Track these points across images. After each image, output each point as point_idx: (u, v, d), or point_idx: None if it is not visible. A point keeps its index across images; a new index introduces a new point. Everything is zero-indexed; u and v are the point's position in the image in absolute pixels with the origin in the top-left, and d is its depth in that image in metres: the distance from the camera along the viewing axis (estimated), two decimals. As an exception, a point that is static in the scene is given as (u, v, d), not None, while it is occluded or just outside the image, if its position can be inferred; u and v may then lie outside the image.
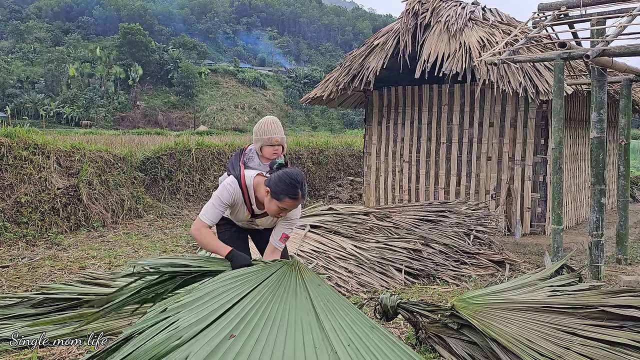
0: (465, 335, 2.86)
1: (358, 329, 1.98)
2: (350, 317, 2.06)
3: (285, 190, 2.79)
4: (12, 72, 68.17)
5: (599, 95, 4.85)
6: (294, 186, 2.79)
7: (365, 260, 5.00)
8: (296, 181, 2.80)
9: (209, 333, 1.92)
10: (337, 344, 1.87)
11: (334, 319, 2.02)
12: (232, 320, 2.00)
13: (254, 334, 1.92)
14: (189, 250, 6.28)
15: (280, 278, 2.30)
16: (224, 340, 1.87)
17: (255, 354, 1.82)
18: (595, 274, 4.80)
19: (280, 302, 2.12)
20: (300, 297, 2.16)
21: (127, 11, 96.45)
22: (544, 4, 5.88)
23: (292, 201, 2.81)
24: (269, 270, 2.37)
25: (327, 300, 2.16)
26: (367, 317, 2.09)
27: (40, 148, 7.34)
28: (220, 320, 2.00)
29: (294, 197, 2.79)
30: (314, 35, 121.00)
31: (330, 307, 2.10)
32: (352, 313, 2.09)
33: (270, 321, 1.99)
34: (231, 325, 1.97)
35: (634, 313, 2.64)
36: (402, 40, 7.97)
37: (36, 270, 5.20)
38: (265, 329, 1.94)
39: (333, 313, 2.06)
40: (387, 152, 8.99)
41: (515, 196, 7.72)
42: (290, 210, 2.89)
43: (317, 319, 2.02)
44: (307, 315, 2.03)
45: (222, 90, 78.16)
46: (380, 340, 1.93)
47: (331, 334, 1.92)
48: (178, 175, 9.67)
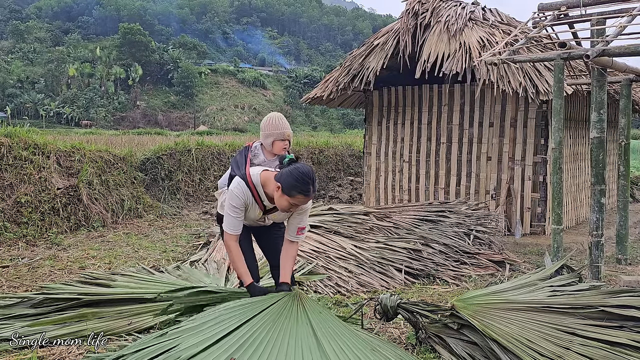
0: (465, 335, 2.86)
1: (359, 352, 2.00)
2: (351, 341, 2.08)
3: (296, 186, 2.81)
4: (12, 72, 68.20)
5: (599, 95, 4.85)
6: (306, 182, 2.81)
7: (365, 260, 5.00)
8: (307, 177, 2.82)
9: (208, 355, 1.93)
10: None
11: (335, 343, 2.04)
12: (233, 344, 2.02)
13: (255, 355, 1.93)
14: (189, 251, 6.28)
15: (282, 306, 2.35)
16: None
17: None
18: (595, 274, 4.80)
19: (281, 328, 2.15)
20: (302, 324, 2.20)
21: (127, 11, 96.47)
22: (544, 4, 5.88)
23: (304, 197, 2.83)
24: (272, 299, 2.42)
25: (329, 325, 2.19)
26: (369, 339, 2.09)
27: (40, 148, 7.34)
28: (220, 344, 2.02)
29: (306, 193, 2.81)
30: (314, 35, 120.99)
31: (331, 332, 2.13)
32: (354, 337, 2.11)
33: (271, 345, 2.01)
34: (232, 348, 1.98)
35: (634, 313, 2.64)
36: (402, 40, 7.97)
37: (36, 270, 5.20)
38: (265, 352, 1.96)
39: (334, 337, 2.09)
40: (387, 152, 8.99)
41: (515, 196, 7.72)
42: (301, 205, 2.90)
43: (318, 342, 2.04)
44: (307, 340, 2.06)
45: (222, 90, 78.19)
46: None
47: (332, 356, 1.93)
48: (178, 175, 9.67)
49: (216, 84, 79.48)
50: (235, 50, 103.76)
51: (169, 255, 6.00)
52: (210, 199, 9.98)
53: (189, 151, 10.04)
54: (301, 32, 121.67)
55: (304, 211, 3.09)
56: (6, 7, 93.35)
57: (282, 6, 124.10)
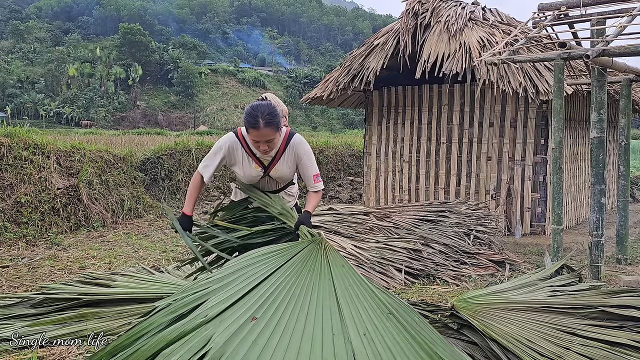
0: (465, 335, 2.86)
1: (375, 316, 1.99)
2: (368, 302, 2.07)
3: (246, 120, 2.84)
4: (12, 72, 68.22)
5: (599, 95, 4.85)
6: (252, 115, 2.81)
7: (365, 260, 5.00)
8: (256, 110, 2.82)
9: (232, 314, 1.96)
10: (353, 333, 1.88)
11: (353, 305, 2.03)
12: (255, 301, 2.03)
13: (275, 317, 1.94)
14: (189, 251, 6.28)
15: (306, 257, 2.32)
16: (246, 323, 1.90)
17: (274, 338, 1.84)
18: (595, 274, 4.80)
19: (304, 284, 2.14)
20: (324, 279, 2.17)
21: (127, 11, 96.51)
22: (544, 4, 5.88)
23: (254, 130, 2.82)
24: (297, 248, 2.39)
25: (349, 283, 2.17)
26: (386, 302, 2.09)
27: (40, 148, 7.34)
28: (244, 300, 2.03)
29: (254, 125, 2.81)
30: (314, 35, 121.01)
31: (350, 292, 2.12)
32: (372, 298, 2.10)
33: (292, 304, 2.01)
34: (254, 306, 1.99)
35: (634, 313, 2.64)
36: (402, 40, 7.97)
37: (36, 270, 5.20)
38: (286, 313, 1.96)
39: (353, 298, 2.07)
40: (387, 152, 8.99)
41: (515, 196, 7.72)
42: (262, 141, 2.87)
43: (337, 303, 2.02)
44: (328, 300, 2.05)
45: (222, 90, 78.21)
46: (395, 328, 1.94)
47: (349, 321, 1.93)
48: (178, 175, 9.67)
49: (216, 84, 79.49)
50: (235, 50, 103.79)
51: (169, 255, 6.00)
52: (210, 199, 9.98)
53: (189, 151, 10.04)
54: (301, 32, 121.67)
55: (303, 158, 3.07)
56: (6, 7, 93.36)
57: (282, 6, 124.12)
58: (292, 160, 3.07)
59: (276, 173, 3.10)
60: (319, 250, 2.38)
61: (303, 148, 3.06)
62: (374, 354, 1.80)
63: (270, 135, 2.85)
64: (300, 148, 3.05)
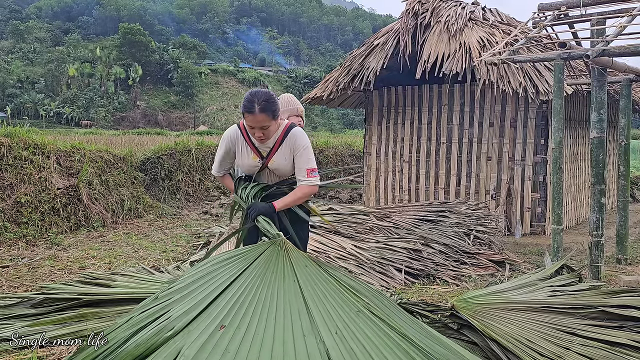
0: (465, 335, 2.86)
1: (345, 313, 1.99)
2: (337, 301, 2.06)
3: (243, 105, 2.87)
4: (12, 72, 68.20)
5: (599, 95, 4.85)
6: (250, 100, 2.84)
7: (365, 260, 5.00)
8: (253, 96, 2.85)
9: (200, 324, 1.92)
10: (324, 332, 1.88)
11: (321, 304, 2.01)
12: (222, 308, 2.00)
13: (243, 323, 1.91)
14: (189, 251, 6.28)
15: (267, 260, 2.28)
16: (215, 332, 1.88)
17: (245, 344, 1.81)
18: (595, 274, 4.80)
19: (269, 287, 2.11)
20: (288, 281, 2.14)
21: (127, 11, 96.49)
22: (544, 4, 5.88)
23: (249, 115, 2.84)
24: (257, 251, 2.35)
25: (314, 282, 2.15)
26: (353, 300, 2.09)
27: (40, 148, 7.34)
28: (210, 309, 2.00)
29: (249, 110, 2.83)
30: (314, 35, 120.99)
31: (317, 291, 2.10)
32: (338, 296, 2.09)
33: (259, 309, 1.99)
34: (221, 314, 1.96)
35: (634, 313, 2.64)
36: (402, 40, 7.96)
37: (36, 270, 5.20)
38: (255, 318, 1.94)
39: (320, 297, 2.06)
40: (387, 152, 8.99)
41: (515, 196, 7.72)
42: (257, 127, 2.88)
43: (305, 304, 2.01)
44: (295, 301, 2.03)
45: (222, 90, 78.19)
46: (365, 325, 1.94)
47: (319, 321, 1.92)
48: (178, 175, 9.67)
49: (216, 84, 79.48)
50: (235, 50, 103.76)
51: (169, 255, 6.00)
52: (210, 199, 9.99)
53: (189, 151, 10.04)
54: (301, 32, 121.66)
55: (299, 150, 3.02)
56: (6, 7, 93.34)
57: (282, 6, 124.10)
58: (288, 152, 3.04)
59: (273, 164, 3.07)
60: (280, 251, 2.34)
61: (301, 140, 3.03)
62: (347, 351, 1.80)
63: (264, 122, 2.86)
64: (298, 140, 3.02)
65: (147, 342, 1.89)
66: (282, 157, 3.05)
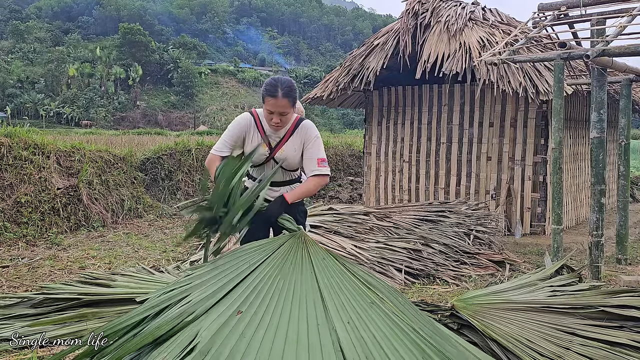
0: (465, 335, 2.86)
1: (358, 305, 2.04)
2: (351, 292, 2.12)
3: (265, 89, 2.89)
4: (12, 72, 68.20)
5: (599, 95, 4.85)
6: (273, 84, 2.87)
7: (365, 260, 5.00)
8: (276, 81, 2.89)
9: (218, 309, 1.99)
10: (337, 322, 1.93)
11: (336, 295, 2.08)
12: (240, 295, 2.06)
13: (260, 310, 1.97)
14: (189, 251, 6.28)
15: (287, 252, 2.34)
16: (232, 317, 1.94)
17: (260, 330, 1.87)
18: (595, 274, 4.80)
19: (286, 278, 2.16)
20: (306, 273, 2.20)
21: (127, 11, 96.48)
22: (544, 4, 5.88)
23: (272, 99, 2.85)
24: (277, 243, 2.41)
25: (331, 275, 2.20)
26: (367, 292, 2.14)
27: (40, 148, 7.34)
28: (229, 296, 2.07)
29: (272, 93, 2.84)
30: (314, 35, 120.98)
31: (333, 283, 2.15)
32: (353, 288, 2.15)
33: (276, 298, 2.05)
34: (239, 301, 2.03)
35: (634, 313, 2.64)
36: (402, 40, 7.96)
37: (36, 270, 5.20)
38: (271, 306, 1.99)
39: (335, 289, 2.12)
40: (387, 152, 8.99)
41: (515, 196, 7.72)
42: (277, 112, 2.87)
43: (321, 296, 2.07)
44: (311, 293, 2.08)
45: (222, 90, 78.23)
46: (377, 316, 2.00)
47: (333, 311, 1.98)
48: (178, 175, 9.67)
49: (216, 84, 79.51)
50: (235, 50, 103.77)
51: (169, 255, 6.00)
52: (210, 199, 9.98)
53: (189, 151, 10.04)
54: (301, 32, 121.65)
55: (311, 141, 3.04)
56: (6, 7, 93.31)
57: (282, 6, 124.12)
58: (299, 143, 3.06)
59: (282, 154, 3.06)
60: (299, 244, 2.41)
61: (312, 131, 3.07)
62: (358, 340, 1.85)
63: (285, 108, 2.89)
64: (309, 131, 3.06)
65: (168, 324, 1.95)
66: (291, 148, 3.06)
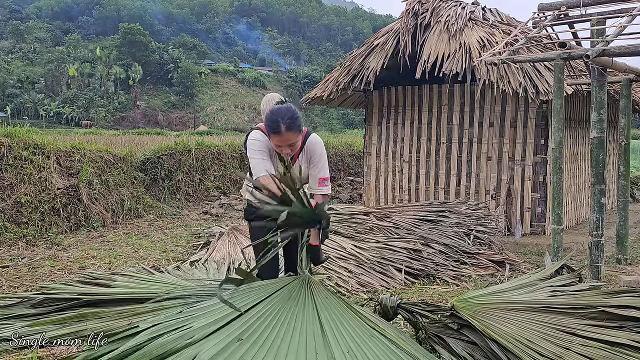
0: (465, 335, 2.86)
1: (357, 336, 2.09)
2: (351, 326, 2.17)
3: (269, 127, 2.85)
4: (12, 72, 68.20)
5: (599, 95, 4.85)
6: (274, 120, 2.82)
7: (365, 260, 5.00)
8: (276, 115, 2.82)
9: (219, 335, 2.03)
10: (337, 351, 1.97)
11: (336, 328, 2.14)
12: (242, 325, 2.11)
13: (261, 338, 2.02)
14: (189, 251, 6.28)
15: (291, 290, 2.41)
16: (232, 343, 1.98)
17: (259, 357, 1.90)
18: (595, 274, 4.80)
19: (289, 312, 2.23)
20: (307, 309, 2.27)
21: (127, 11, 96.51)
22: (544, 4, 5.88)
23: (277, 136, 2.83)
24: (282, 283, 2.49)
25: (332, 311, 2.27)
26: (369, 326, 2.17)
27: (40, 148, 7.34)
28: (231, 325, 2.12)
29: (276, 131, 2.81)
30: (314, 35, 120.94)
31: (334, 317, 2.21)
32: (355, 322, 2.20)
33: (277, 328, 2.10)
34: (240, 329, 2.08)
35: (634, 313, 2.64)
36: (402, 40, 7.96)
37: (36, 270, 5.20)
38: (271, 335, 2.04)
39: (336, 322, 2.18)
40: (387, 152, 8.99)
41: (515, 196, 7.72)
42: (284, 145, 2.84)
43: (321, 328, 2.12)
44: (312, 324, 2.14)
45: (222, 90, 78.21)
46: (377, 347, 2.03)
47: (332, 341, 2.03)
48: (178, 175, 9.67)
49: (216, 84, 79.49)
50: (235, 50, 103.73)
51: (169, 255, 6.00)
52: (210, 199, 9.98)
53: (189, 151, 10.04)
54: (301, 32, 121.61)
55: (316, 158, 3.04)
56: (6, 7, 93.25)
57: (282, 6, 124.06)
58: (306, 159, 3.08)
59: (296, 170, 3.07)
60: (303, 284, 2.48)
61: (318, 148, 3.07)
62: None
63: (292, 139, 2.86)
64: (315, 148, 3.06)
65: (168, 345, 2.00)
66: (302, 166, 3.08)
